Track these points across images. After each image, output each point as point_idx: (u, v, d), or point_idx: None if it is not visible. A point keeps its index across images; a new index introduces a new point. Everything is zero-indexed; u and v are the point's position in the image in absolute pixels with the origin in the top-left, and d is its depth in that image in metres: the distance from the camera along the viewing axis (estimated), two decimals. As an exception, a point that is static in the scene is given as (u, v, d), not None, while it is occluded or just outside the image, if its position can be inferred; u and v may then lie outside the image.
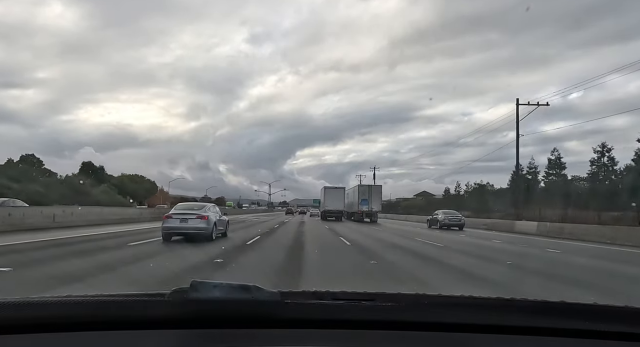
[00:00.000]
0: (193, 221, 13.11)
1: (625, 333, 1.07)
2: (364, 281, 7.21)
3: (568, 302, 1.18)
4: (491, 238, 19.84)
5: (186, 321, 1.05)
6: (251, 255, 10.97)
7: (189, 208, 14.15)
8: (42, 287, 5.84)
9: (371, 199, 39.76)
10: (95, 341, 1.02)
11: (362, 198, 39.52)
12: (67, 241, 12.97)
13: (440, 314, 1.12)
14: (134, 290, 1.32)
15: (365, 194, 39.99)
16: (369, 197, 39.78)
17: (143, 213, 30.85)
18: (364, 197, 39.65)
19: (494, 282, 7.66)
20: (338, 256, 11.42)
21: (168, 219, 13.34)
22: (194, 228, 13.03)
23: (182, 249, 11.71)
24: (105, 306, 1.09)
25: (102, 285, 6.11)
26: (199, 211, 13.60)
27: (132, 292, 1.18)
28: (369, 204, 39.55)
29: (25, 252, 10.11)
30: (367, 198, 39.60)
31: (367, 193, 40.20)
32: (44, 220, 18.27)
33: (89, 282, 6.27)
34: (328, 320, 1.09)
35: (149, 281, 6.70)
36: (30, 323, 1.03)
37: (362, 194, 40.04)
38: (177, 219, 13.18)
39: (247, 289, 1.06)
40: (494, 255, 12.59)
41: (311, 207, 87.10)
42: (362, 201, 39.44)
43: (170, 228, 13.18)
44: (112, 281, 6.67)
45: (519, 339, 1.08)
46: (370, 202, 39.67)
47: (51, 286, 5.96)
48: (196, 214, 13.35)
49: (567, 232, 21.13)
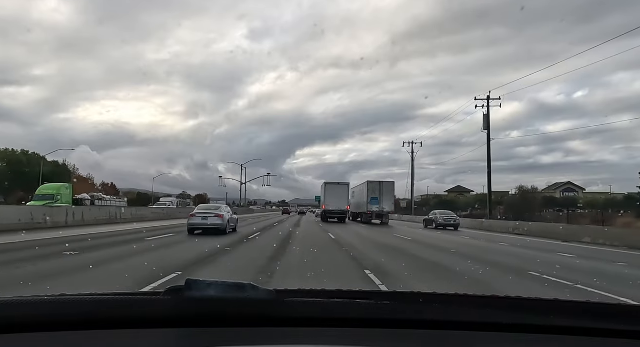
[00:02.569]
0: (212, 218, 17.27)
1: (621, 331, 1.08)
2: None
3: (561, 299, 1.22)
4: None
5: (181, 320, 1.04)
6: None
7: (208, 209, 18.86)
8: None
9: (382, 197, 36.17)
10: (89, 340, 1.01)
11: (371, 197, 36.02)
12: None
13: (437, 312, 1.13)
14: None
15: (375, 192, 36.21)
16: (380, 195, 36.13)
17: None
18: (374, 195, 36.08)
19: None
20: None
21: (193, 217, 17.56)
22: (212, 224, 17.26)
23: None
24: (99, 305, 1.08)
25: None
26: (216, 211, 17.95)
27: (126, 291, 1.24)
28: (380, 203, 36.06)
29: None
30: (377, 197, 36.02)
31: (377, 191, 36.35)
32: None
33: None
34: (324, 318, 1.09)
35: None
36: (24, 323, 1.03)
37: (372, 191, 36.21)
38: (200, 217, 17.46)
39: (243, 288, 1.05)
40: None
41: (312, 207, 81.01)
42: (372, 200, 35.94)
43: (194, 224, 17.44)
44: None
45: (514, 336, 1.09)
46: (381, 202, 36.12)
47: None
48: (214, 213, 17.62)
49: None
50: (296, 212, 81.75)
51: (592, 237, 19.80)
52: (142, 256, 10.49)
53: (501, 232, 27.34)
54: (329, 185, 38.97)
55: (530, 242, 19.40)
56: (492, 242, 19.28)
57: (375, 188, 36.57)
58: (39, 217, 18.56)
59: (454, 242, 18.72)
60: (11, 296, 1.05)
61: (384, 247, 15.15)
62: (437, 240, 19.90)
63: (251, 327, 1.05)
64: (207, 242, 14.17)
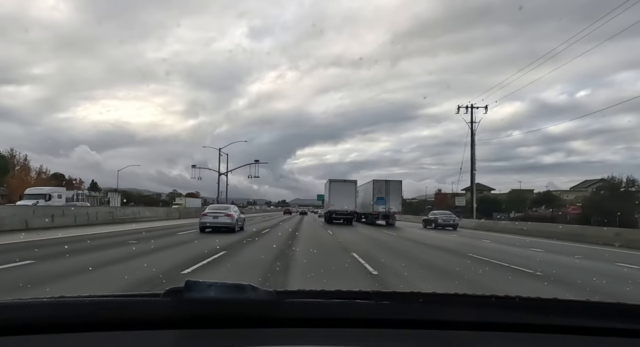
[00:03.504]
0: (222, 217, 18.66)
1: (619, 329, 1.08)
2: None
3: (561, 299, 1.21)
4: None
5: (181, 321, 1.04)
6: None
7: (218, 208, 20.48)
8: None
9: (389, 197, 34.37)
10: (88, 342, 1.01)
11: (377, 196, 34.26)
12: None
13: (436, 311, 1.13)
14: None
15: (381, 191, 34.34)
16: (387, 194, 34.32)
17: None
18: (380, 195, 34.30)
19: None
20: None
21: (204, 216, 19.01)
22: (222, 223, 18.73)
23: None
24: (98, 306, 1.07)
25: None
26: (226, 211, 19.45)
27: (125, 293, 1.20)
28: (387, 203, 34.21)
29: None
30: (384, 196, 34.24)
31: (384, 190, 34.42)
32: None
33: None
34: (324, 319, 1.09)
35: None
36: (23, 325, 1.02)
37: (378, 191, 34.39)
38: (211, 216, 18.87)
39: (242, 289, 1.05)
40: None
41: (313, 207, 77.89)
42: (378, 200, 34.15)
43: (205, 222, 18.86)
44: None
45: (514, 336, 1.09)
46: (388, 202, 34.30)
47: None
48: (224, 212, 19.12)
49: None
50: (297, 212, 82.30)
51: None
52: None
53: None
54: (334, 183, 35.68)
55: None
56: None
57: (382, 187, 34.72)
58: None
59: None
60: (11, 298, 1.07)
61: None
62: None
63: (251, 328, 1.05)
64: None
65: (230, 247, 12.71)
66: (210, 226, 18.75)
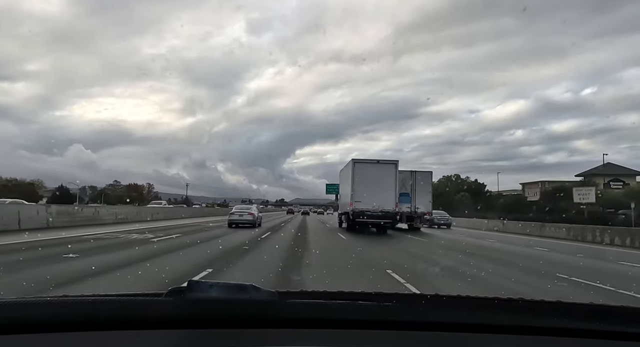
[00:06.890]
0: (246, 216, 23.59)
1: (622, 333, 1.08)
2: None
3: (564, 301, 1.22)
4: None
5: (183, 321, 1.05)
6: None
7: (242, 208, 25.84)
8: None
9: (415, 193, 26.50)
10: (90, 342, 1.01)
11: (400, 192, 23.57)
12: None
13: (439, 313, 1.13)
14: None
15: (406, 186, 25.75)
16: (413, 189, 26.44)
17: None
18: (404, 190, 25.31)
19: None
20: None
21: (232, 214, 24.06)
22: (246, 220, 23.56)
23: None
24: (101, 306, 1.08)
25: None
26: (249, 210, 24.63)
27: (128, 293, 1.20)
28: (412, 201, 26.32)
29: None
30: (408, 192, 26.11)
31: (408, 184, 26.09)
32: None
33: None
34: (326, 320, 1.09)
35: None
36: (26, 323, 1.03)
37: (402, 185, 24.23)
38: (237, 214, 23.83)
39: (244, 289, 1.06)
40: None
41: (313, 207, 72.69)
42: (402, 196, 24.20)
43: (233, 220, 23.62)
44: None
45: (516, 338, 1.09)
46: (414, 198, 26.40)
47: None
48: (247, 211, 24.26)
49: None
50: (299, 212, 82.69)
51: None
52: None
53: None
54: (360, 165, 22.47)
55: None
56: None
57: (406, 180, 25.80)
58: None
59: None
60: (13, 297, 1.07)
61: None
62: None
63: (253, 328, 1.06)
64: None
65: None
66: (237, 222, 23.27)
